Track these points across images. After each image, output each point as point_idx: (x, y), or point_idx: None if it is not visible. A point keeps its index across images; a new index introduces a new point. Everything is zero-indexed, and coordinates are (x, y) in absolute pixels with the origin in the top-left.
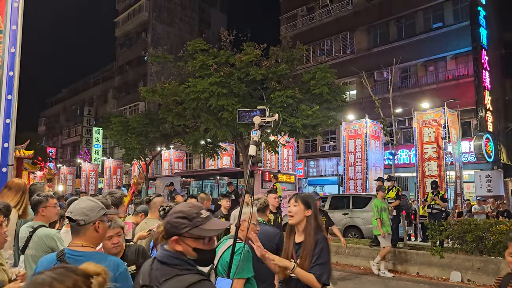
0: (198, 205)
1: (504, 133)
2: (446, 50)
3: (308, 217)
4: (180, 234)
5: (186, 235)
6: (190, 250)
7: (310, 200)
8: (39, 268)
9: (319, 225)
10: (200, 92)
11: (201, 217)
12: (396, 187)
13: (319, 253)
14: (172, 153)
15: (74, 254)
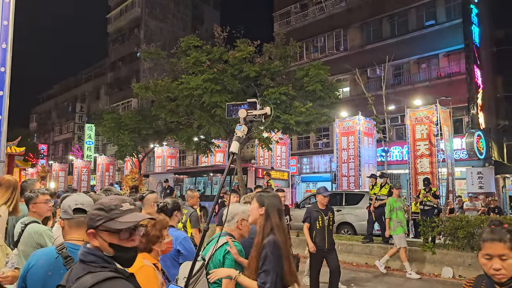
0: (121, 198)
1: (495, 131)
2: (439, 48)
3: (261, 215)
4: (96, 227)
5: (101, 228)
6: (106, 245)
7: (266, 199)
8: (37, 261)
9: (274, 227)
10: (193, 88)
11: (120, 209)
12: (388, 184)
13: (264, 259)
14: (165, 149)
15: (77, 249)
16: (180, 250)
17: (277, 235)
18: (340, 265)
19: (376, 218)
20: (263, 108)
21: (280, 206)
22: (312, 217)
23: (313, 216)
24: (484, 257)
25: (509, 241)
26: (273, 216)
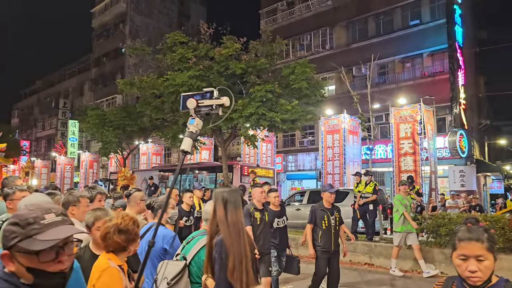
0: (45, 208)
1: (477, 130)
2: (423, 47)
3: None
4: (10, 247)
5: (16, 249)
6: (23, 270)
7: (215, 193)
8: None
9: (219, 222)
10: (179, 85)
11: (42, 223)
12: (373, 181)
13: (215, 259)
14: (150, 146)
15: None
16: (167, 248)
17: (223, 232)
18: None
19: (361, 215)
20: (220, 98)
21: (231, 199)
22: (318, 217)
23: (319, 215)
24: (459, 258)
25: (486, 241)
26: (219, 211)
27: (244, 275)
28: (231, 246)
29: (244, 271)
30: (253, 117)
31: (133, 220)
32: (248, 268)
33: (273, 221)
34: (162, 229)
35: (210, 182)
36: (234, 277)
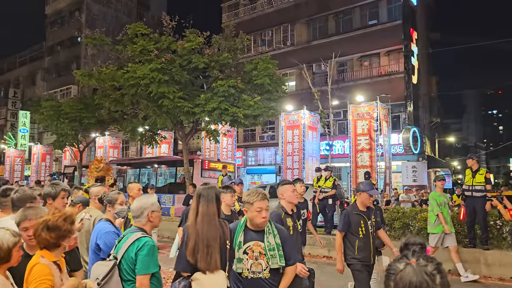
0: None
1: (429, 127)
2: (380, 47)
3: None
4: None
5: None
6: None
7: (196, 190)
8: None
9: (190, 212)
10: (139, 78)
11: None
12: (332, 177)
13: None
14: (107, 139)
15: None
16: (99, 244)
17: (190, 219)
18: None
19: (320, 210)
20: None
21: (204, 193)
22: (353, 222)
23: (354, 220)
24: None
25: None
26: (193, 202)
27: (208, 257)
28: (193, 231)
29: (208, 254)
30: (216, 112)
31: (63, 216)
32: (213, 253)
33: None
34: (101, 224)
35: (170, 176)
36: (194, 257)
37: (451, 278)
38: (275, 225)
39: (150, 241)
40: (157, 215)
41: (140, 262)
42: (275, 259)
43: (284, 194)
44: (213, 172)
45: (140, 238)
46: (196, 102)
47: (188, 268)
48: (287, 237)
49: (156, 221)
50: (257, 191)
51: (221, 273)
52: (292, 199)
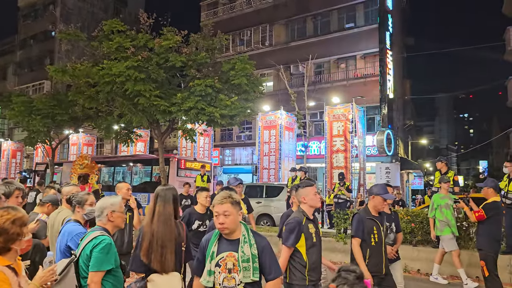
0: None
1: (402, 130)
2: (356, 50)
3: None
4: None
5: None
6: None
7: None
8: None
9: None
10: (115, 75)
11: None
12: (307, 177)
13: None
14: (81, 137)
15: None
16: (71, 246)
17: (145, 219)
18: None
19: None
20: None
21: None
22: (366, 229)
23: (367, 226)
24: None
25: None
26: (151, 202)
27: (162, 258)
28: (148, 231)
29: (163, 255)
30: (192, 111)
31: (11, 219)
32: (167, 253)
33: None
34: (70, 225)
35: (145, 175)
36: (148, 257)
37: (453, 282)
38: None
39: (107, 239)
40: (118, 215)
41: (93, 258)
42: (248, 272)
43: (306, 198)
44: (189, 171)
45: (97, 236)
46: (173, 101)
47: (142, 268)
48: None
49: (117, 221)
50: (223, 194)
51: (176, 275)
52: (315, 203)
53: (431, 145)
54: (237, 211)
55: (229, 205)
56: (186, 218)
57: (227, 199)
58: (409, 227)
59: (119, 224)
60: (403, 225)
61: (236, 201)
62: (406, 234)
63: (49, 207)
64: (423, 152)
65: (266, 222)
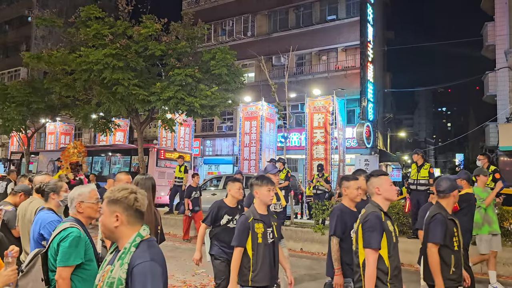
0: None
1: (382, 122)
2: (338, 42)
3: None
4: None
5: None
6: None
7: (134, 179)
8: None
9: None
10: (93, 63)
11: None
12: (286, 168)
13: None
14: (58, 126)
15: None
16: (44, 234)
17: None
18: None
19: None
20: None
21: (142, 182)
22: (448, 231)
23: (449, 229)
24: None
25: None
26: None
27: None
28: None
29: None
30: (172, 101)
31: None
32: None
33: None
34: (43, 214)
35: (124, 165)
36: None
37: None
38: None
39: (75, 232)
40: (87, 205)
41: (60, 253)
42: None
43: (381, 188)
44: (169, 161)
45: (66, 228)
46: (152, 90)
47: None
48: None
49: (87, 212)
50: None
51: None
52: (392, 195)
53: (410, 138)
54: (111, 212)
55: (104, 203)
56: (214, 211)
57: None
58: None
59: (91, 215)
60: None
61: (114, 198)
62: None
63: (22, 197)
64: (402, 145)
65: None
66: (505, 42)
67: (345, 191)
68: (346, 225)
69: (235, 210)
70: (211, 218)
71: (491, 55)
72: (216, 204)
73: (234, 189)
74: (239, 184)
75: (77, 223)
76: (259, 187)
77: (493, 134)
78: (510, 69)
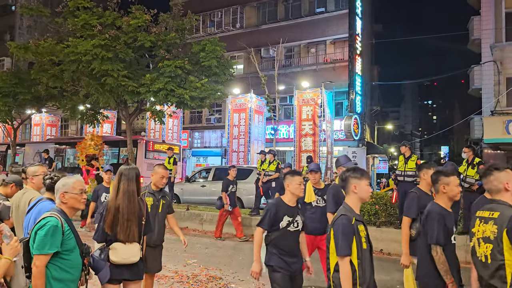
0: None
1: (369, 115)
2: (327, 35)
3: None
4: None
5: None
6: None
7: (119, 169)
8: None
9: (117, 189)
10: (81, 53)
11: None
12: (276, 160)
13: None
14: (44, 117)
15: None
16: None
17: (111, 196)
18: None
19: (264, 192)
20: None
21: (125, 172)
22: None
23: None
24: None
25: None
26: (115, 180)
27: (128, 229)
28: (113, 206)
29: (128, 227)
30: (161, 92)
31: None
32: (132, 226)
33: None
34: (46, 204)
35: (112, 157)
36: (112, 229)
37: None
38: None
39: (53, 221)
40: (71, 196)
41: (37, 241)
42: None
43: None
44: (157, 153)
45: (46, 217)
46: (141, 81)
47: (104, 238)
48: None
49: (71, 202)
50: None
51: (136, 245)
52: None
53: (396, 130)
54: None
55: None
56: (271, 212)
57: None
58: (374, 209)
59: (74, 206)
60: (368, 207)
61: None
62: (370, 216)
63: (13, 188)
64: (389, 137)
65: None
66: (491, 36)
67: (444, 188)
68: (448, 229)
69: (295, 210)
70: (269, 220)
71: (477, 49)
72: (273, 203)
73: (293, 184)
74: (300, 178)
75: (59, 213)
76: (358, 181)
77: (477, 127)
78: (495, 63)
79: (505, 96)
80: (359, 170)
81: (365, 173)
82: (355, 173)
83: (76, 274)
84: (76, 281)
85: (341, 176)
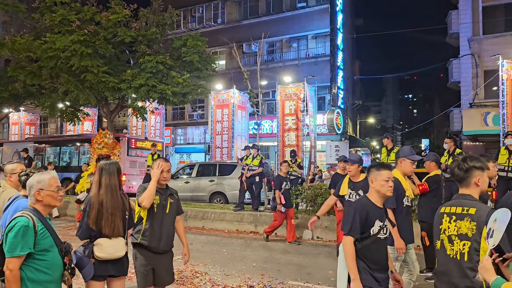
0: None
1: (351, 109)
2: (308, 30)
3: None
4: None
5: None
6: None
7: (98, 165)
8: None
9: (93, 184)
10: (59, 50)
11: None
12: (260, 155)
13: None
14: (22, 116)
15: None
16: None
17: (92, 191)
18: (214, 233)
19: (247, 187)
20: None
21: (106, 167)
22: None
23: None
24: None
25: None
26: (95, 176)
27: (112, 224)
28: (96, 201)
29: (113, 222)
30: (143, 88)
31: None
32: (116, 220)
33: None
34: (23, 201)
35: None
36: (97, 224)
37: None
38: None
39: (23, 221)
40: (46, 193)
41: (7, 243)
42: None
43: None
44: (140, 150)
45: (16, 217)
46: (122, 77)
47: (88, 234)
48: None
49: (46, 200)
50: None
51: (121, 239)
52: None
53: (378, 124)
54: None
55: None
56: (361, 215)
57: None
58: None
59: (50, 203)
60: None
61: None
62: None
63: None
64: (371, 131)
65: (220, 200)
66: (468, 30)
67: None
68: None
69: (384, 212)
70: (360, 225)
71: (455, 43)
72: (360, 204)
73: (379, 180)
74: (389, 172)
75: (32, 212)
76: (481, 172)
77: (457, 119)
78: (473, 56)
79: (483, 88)
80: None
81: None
82: (480, 163)
83: (55, 274)
84: (56, 281)
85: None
